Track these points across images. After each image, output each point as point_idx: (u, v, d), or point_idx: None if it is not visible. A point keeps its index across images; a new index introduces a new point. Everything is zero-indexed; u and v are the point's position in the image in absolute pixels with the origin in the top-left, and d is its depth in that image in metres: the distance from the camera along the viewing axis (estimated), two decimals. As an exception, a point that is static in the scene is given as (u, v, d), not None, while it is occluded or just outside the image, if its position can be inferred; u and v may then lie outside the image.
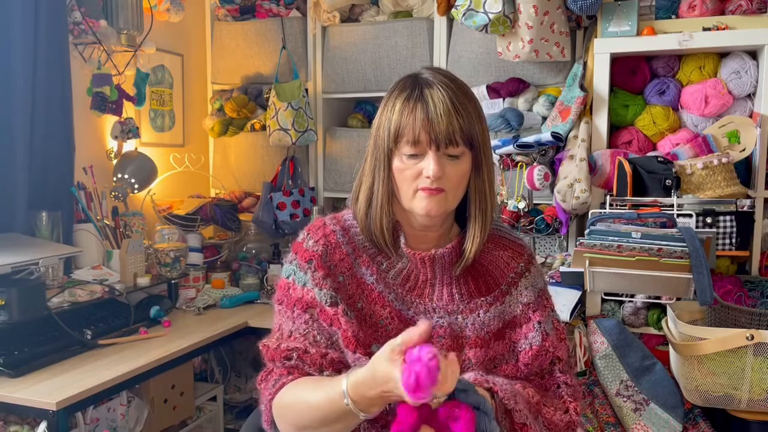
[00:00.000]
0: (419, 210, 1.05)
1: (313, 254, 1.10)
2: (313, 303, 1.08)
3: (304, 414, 0.97)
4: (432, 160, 1.01)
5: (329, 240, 1.12)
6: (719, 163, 2.00)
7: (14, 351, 1.75)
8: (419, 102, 1.02)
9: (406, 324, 1.07)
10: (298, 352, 1.05)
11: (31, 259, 1.89)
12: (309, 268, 1.09)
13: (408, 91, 1.04)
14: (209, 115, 2.99)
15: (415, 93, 1.03)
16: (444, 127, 1.00)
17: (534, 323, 1.13)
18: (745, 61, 2.13)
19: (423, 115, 1.01)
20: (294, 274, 1.11)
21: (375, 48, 2.66)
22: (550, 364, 1.13)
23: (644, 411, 1.97)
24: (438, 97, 1.02)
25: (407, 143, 1.03)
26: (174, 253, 2.41)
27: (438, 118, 1.00)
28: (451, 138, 1.01)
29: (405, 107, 1.03)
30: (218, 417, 2.65)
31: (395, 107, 1.04)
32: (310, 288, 1.08)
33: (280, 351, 1.06)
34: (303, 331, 1.06)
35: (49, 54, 2.10)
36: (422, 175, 1.02)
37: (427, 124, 1.01)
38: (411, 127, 1.01)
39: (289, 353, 1.05)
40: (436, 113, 1.00)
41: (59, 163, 2.18)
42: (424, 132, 1.01)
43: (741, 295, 2.01)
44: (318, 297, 1.07)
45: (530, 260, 1.19)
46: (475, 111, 1.05)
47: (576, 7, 2.19)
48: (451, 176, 1.03)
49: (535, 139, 2.18)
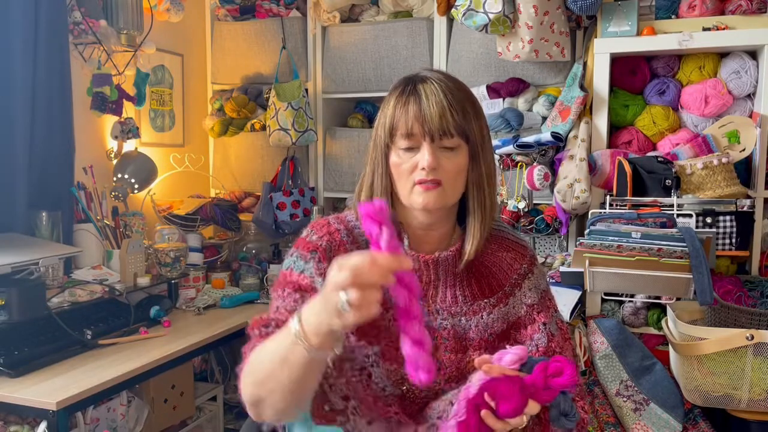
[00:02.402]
0: (417, 204, 1.05)
1: (317, 246, 1.09)
2: (307, 288, 1.06)
3: (258, 364, 0.93)
4: (427, 151, 1.02)
5: (333, 237, 1.11)
6: (719, 163, 2.00)
7: (14, 351, 1.75)
8: (412, 96, 1.04)
9: None
10: (277, 321, 1.02)
11: (31, 259, 1.89)
12: (312, 258, 1.08)
13: (402, 87, 1.07)
14: (209, 115, 2.99)
15: (408, 88, 1.05)
16: (437, 119, 1.01)
17: (539, 324, 1.12)
18: (745, 61, 2.13)
19: (416, 108, 1.03)
20: (293, 264, 1.09)
21: (375, 48, 2.66)
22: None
23: (644, 411, 1.97)
24: (431, 90, 1.03)
25: (402, 137, 1.04)
26: (174, 253, 2.41)
27: (430, 110, 1.02)
28: (444, 130, 1.02)
29: (398, 102, 1.05)
30: (218, 417, 2.65)
31: (390, 103, 1.06)
32: (308, 275, 1.07)
33: (260, 320, 1.03)
34: (289, 308, 1.04)
35: (49, 54, 2.10)
36: (418, 168, 1.03)
37: (420, 116, 1.02)
38: (404, 120, 1.03)
39: (269, 322, 1.02)
40: (428, 105, 1.02)
41: (59, 163, 2.18)
42: (417, 124, 1.02)
43: (741, 295, 2.01)
44: (318, 286, 1.05)
45: (533, 261, 1.19)
46: (471, 106, 1.06)
47: (576, 7, 2.19)
48: (447, 168, 1.04)
49: (535, 139, 2.18)
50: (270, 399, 0.93)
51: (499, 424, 0.89)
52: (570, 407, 0.93)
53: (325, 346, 0.85)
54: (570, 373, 0.84)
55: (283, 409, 0.94)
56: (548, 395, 0.87)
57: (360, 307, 0.78)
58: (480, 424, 0.88)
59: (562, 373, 0.84)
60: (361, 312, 0.78)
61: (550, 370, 0.85)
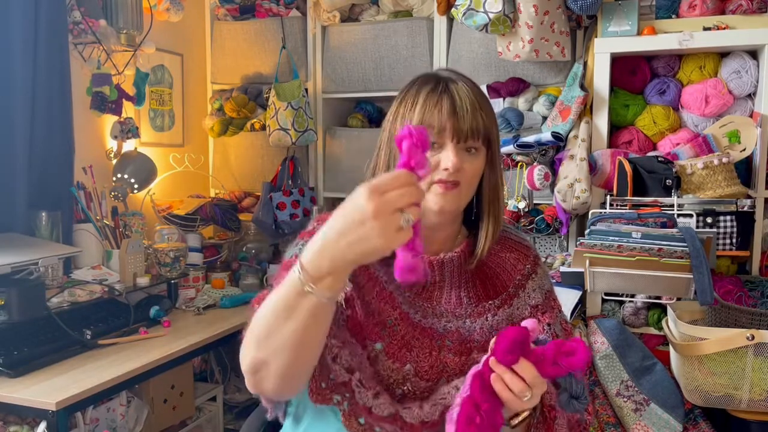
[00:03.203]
0: (433, 205, 1.04)
1: None
2: None
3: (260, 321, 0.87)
4: (451, 151, 1.02)
5: None
6: (719, 162, 2.00)
7: (14, 351, 1.75)
8: (445, 94, 1.04)
9: (413, 327, 1.07)
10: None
11: (30, 259, 1.88)
12: None
13: (432, 85, 1.06)
14: (209, 115, 2.99)
15: (440, 87, 1.05)
16: (468, 120, 1.02)
17: (543, 326, 1.12)
18: (745, 60, 2.13)
19: (449, 107, 1.03)
20: (298, 251, 1.06)
21: (375, 48, 2.65)
22: None
23: (644, 411, 1.97)
24: (463, 91, 1.04)
25: (430, 133, 1.02)
26: (174, 253, 2.41)
27: (463, 111, 1.02)
28: (473, 132, 1.03)
29: (430, 99, 1.04)
30: (218, 417, 2.65)
31: (418, 100, 1.05)
32: None
33: (263, 297, 0.96)
34: None
35: (49, 54, 2.10)
36: (440, 167, 1.02)
37: (454, 116, 1.02)
38: (437, 117, 1.02)
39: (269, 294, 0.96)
40: (462, 106, 1.02)
41: (59, 163, 2.18)
42: (449, 123, 1.02)
43: (741, 295, 2.01)
44: None
45: (536, 261, 1.19)
46: (492, 111, 1.08)
47: (576, 6, 2.19)
48: (468, 170, 1.04)
49: (536, 138, 2.17)
50: (274, 361, 0.87)
51: (505, 392, 0.87)
52: (581, 390, 0.92)
53: (337, 286, 0.80)
54: (582, 357, 0.83)
55: (285, 374, 0.89)
56: (554, 371, 0.85)
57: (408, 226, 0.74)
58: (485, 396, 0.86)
59: (574, 354, 0.83)
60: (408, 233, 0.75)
61: (563, 348, 0.84)
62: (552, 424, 0.97)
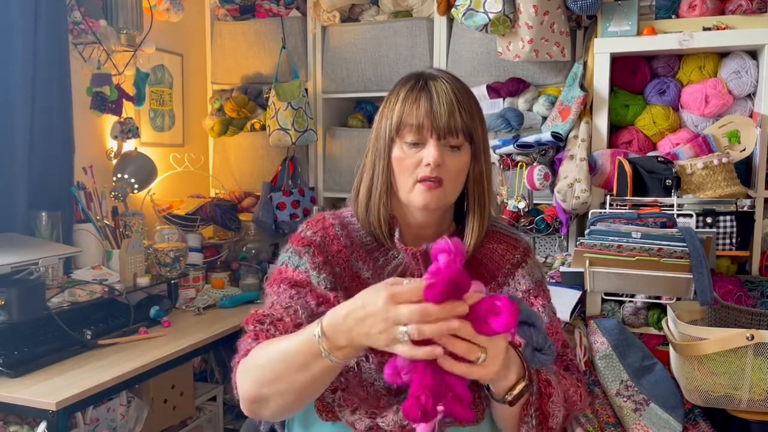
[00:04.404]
0: (417, 203, 1.05)
1: (311, 241, 1.10)
2: (302, 283, 1.06)
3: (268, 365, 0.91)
4: (433, 147, 1.02)
5: (327, 232, 1.11)
6: (719, 163, 2.00)
7: (14, 351, 1.75)
8: (423, 92, 1.04)
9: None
10: (272, 318, 1.02)
11: (30, 259, 1.89)
12: (306, 252, 1.08)
13: (412, 83, 1.06)
14: (209, 115, 2.99)
15: (419, 84, 1.05)
16: (446, 117, 1.02)
17: (538, 307, 1.12)
18: (745, 60, 2.13)
19: (426, 104, 1.03)
20: (288, 260, 1.10)
21: (375, 48, 2.65)
22: (563, 347, 1.13)
23: (644, 411, 1.97)
24: (442, 88, 1.04)
25: (409, 131, 1.04)
26: (174, 253, 2.41)
27: (441, 108, 1.02)
28: (452, 128, 1.02)
29: (408, 97, 1.05)
30: (218, 417, 2.65)
31: (399, 98, 1.06)
32: (303, 270, 1.07)
33: (255, 315, 1.04)
34: (284, 304, 1.04)
35: (49, 54, 2.10)
36: (422, 164, 1.03)
37: (431, 113, 1.02)
38: (414, 115, 1.03)
39: (264, 318, 1.02)
40: (439, 103, 1.02)
41: (59, 163, 2.18)
42: (427, 120, 1.02)
43: (741, 295, 2.01)
44: (314, 281, 1.06)
45: (527, 252, 1.18)
46: (476, 108, 1.07)
47: (576, 6, 2.19)
48: (450, 167, 1.04)
49: (535, 139, 2.17)
50: (278, 399, 0.92)
51: (455, 364, 0.81)
52: (543, 341, 0.90)
53: (351, 355, 0.86)
54: (506, 318, 0.77)
55: (288, 408, 0.94)
56: (485, 329, 0.79)
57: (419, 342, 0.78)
58: (427, 373, 0.80)
59: (499, 314, 0.77)
60: (418, 350, 0.78)
61: (494, 307, 0.78)
62: (547, 400, 0.95)
